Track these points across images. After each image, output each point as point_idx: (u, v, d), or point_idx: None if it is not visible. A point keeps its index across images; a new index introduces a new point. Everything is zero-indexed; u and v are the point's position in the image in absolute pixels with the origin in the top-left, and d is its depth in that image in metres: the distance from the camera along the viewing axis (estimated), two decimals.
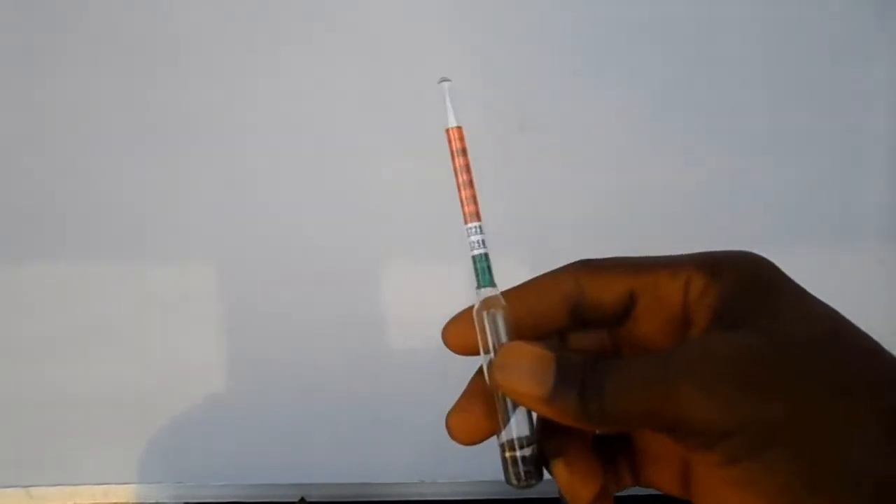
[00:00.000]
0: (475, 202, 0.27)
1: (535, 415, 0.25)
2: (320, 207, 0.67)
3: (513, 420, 0.25)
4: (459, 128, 0.27)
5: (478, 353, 0.26)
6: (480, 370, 0.26)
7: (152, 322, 0.68)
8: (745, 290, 0.22)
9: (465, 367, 0.26)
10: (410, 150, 0.64)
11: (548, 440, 0.25)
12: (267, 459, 0.71)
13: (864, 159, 0.66)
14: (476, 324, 0.26)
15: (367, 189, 0.66)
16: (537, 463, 0.25)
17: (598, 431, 0.25)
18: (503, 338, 0.25)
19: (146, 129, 0.65)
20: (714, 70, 0.65)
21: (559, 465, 0.24)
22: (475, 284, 0.26)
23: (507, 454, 0.25)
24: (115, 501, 0.72)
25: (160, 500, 0.71)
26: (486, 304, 0.26)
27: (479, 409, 0.25)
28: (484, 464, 0.25)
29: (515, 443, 0.25)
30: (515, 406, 0.25)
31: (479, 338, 0.25)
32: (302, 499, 0.70)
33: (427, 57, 0.63)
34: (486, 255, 0.26)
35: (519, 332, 0.26)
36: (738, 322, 0.22)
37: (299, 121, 0.65)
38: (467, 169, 0.27)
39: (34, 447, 0.71)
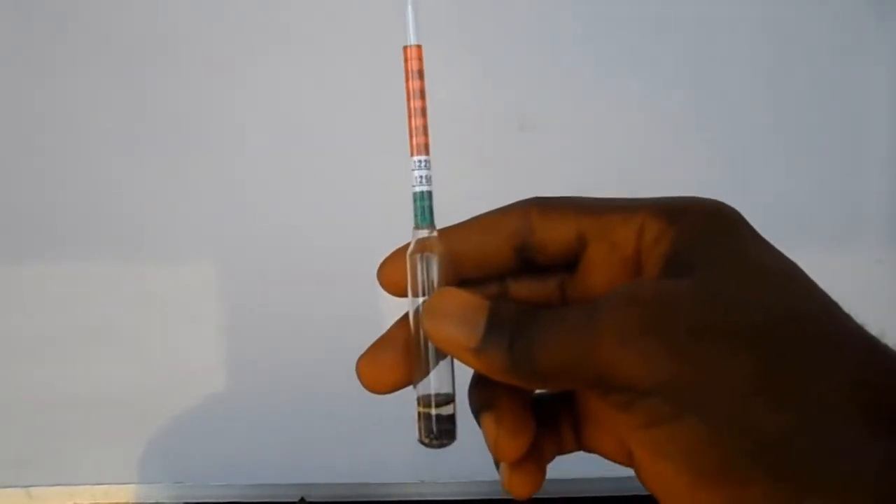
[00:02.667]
0: (426, 133, 0.24)
1: (457, 370, 0.24)
2: (320, 207, 0.67)
3: (433, 374, 0.23)
4: (419, 46, 0.25)
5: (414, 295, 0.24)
6: (404, 317, 0.24)
7: (152, 322, 0.68)
8: (700, 240, 0.20)
9: (465, 367, 0.26)
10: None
11: (480, 392, 0.23)
12: (267, 459, 0.71)
13: (863, 159, 0.66)
14: (408, 266, 0.24)
15: (367, 189, 0.66)
16: (453, 423, 0.24)
17: (531, 389, 0.23)
18: (436, 283, 0.23)
19: (146, 130, 0.65)
20: (714, 70, 0.65)
21: (487, 419, 0.23)
22: (413, 224, 0.24)
23: (422, 409, 0.23)
24: (115, 501, 0.72)
25: (160, 500, 0.71)
26: (421, 245, 0.24)
27: (395, 356, 0.24)
28: (484, 464, 0.24)
29: (433, 399, 0.23)
30: (438, 359, 0.23)
31: (409, 281, 0.24)
32: (302, 499, 0.70)
33: (427, 57, 0.63)
34: (429, 192, 0.24)
35: (459, 272, 0.24)
36: (684, 273, 0.20)
37: (299, 121, 0.65)
38: (421, 94, 0.25)
39: (34, 447, 0.71)
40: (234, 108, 0.65)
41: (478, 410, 0.23)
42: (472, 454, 0.26)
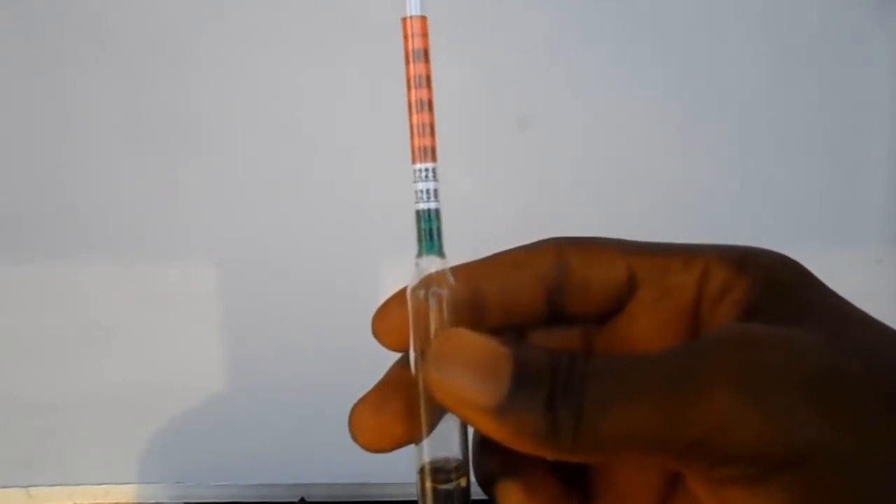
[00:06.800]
0: (432, 134, 0.18)
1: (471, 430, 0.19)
2: (320, 208, 0.67)
3: (439, 433, 0.18)
4: (423, 18, 0.17)
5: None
6: (404, 357, 0.20)
7: (152, 322, 0.68)
8: (781, 288, 0.17)
9: None
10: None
11: (492, 455, 0.19)
12: (267, 459, 0.71)
13: (863, 159, 0.66)
14: (409, 306, 0.19)
15: (366, 189, 0.66)
16: (467, 499, 0.18)
17: (568, 462, 0.17)
18: (446, 327, 0.18)
19: (146, 129, 0.65)
20: (714, 70, 0.65)
21: (511, 489, 0.18)
22: (416, 252, 0.19)
23: (428, 484, 0.18)
24: (115, 501, 0.72)
25: (160, 500, 0.71)
26: (427, 279, 0.18)
27: (395, 407, 0.19)
28: None
29: (440, 469, 0.18)
30: (443, 415, 0.18)
31: (411, 324, 0.19)
32: (302, 499, 0.70)
33: None
34: (437, 211, 0.18)
35: (481, 319, 0.19)
36: (775, 322, 0.16)
37: (299, 121, 0.65)
38: (427, 82, 0.18)
39: (34, 447, 0.71)
40: (233, 109, 0.65)
41: (492, 478, 0.18)
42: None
